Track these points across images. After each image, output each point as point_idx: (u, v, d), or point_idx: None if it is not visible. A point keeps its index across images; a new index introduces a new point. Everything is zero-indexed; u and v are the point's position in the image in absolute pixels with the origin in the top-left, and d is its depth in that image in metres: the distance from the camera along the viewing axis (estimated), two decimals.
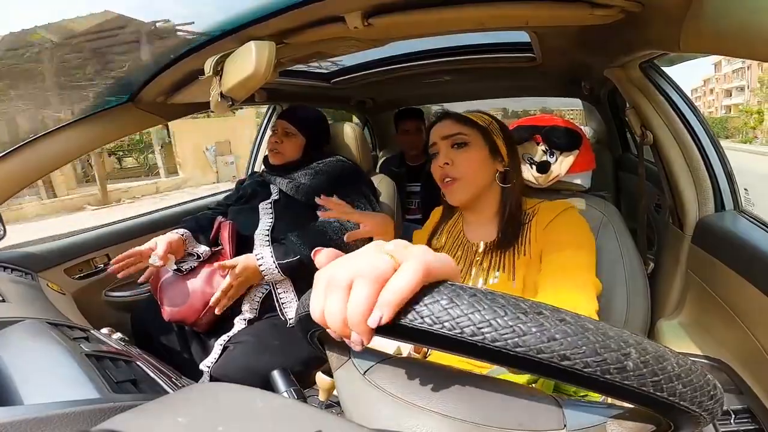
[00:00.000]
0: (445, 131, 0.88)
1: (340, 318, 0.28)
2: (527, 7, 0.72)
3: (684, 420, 0.26)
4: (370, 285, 0.27)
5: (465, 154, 0.86)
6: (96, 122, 1.07)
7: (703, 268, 0.96)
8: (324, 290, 0.30)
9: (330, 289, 0.29)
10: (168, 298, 1.16)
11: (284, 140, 1.34)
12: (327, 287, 0.30)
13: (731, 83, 35.85)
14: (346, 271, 0.29)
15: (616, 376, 0.23)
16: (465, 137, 0.86)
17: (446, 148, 0.87)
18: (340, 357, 0.42)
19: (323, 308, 0.30)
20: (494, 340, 0.24)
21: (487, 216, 0.91)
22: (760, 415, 0.71)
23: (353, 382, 0.40)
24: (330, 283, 0.29)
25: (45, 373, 0.57)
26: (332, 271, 0.30)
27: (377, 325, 0.27)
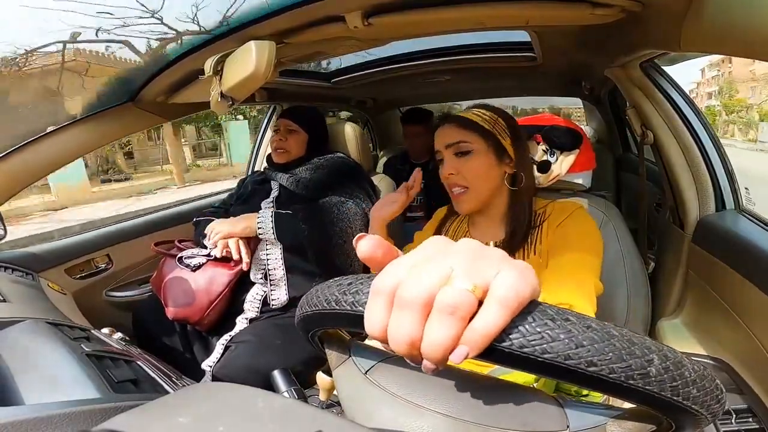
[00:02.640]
0: (447, 139, 0.85)
1: (409, 342, 0.25)
2: (527, 6, 0.72)
3: (688, 421, 0.27)
4: (454, 324, 0.24)
5: (470, 163, 0.83)
6: (96, 122, 1.07)
7: (703, 268, 0.96)
8: (385, 304, 0.26)
9: (400, 308, 0.25)
10: (172, 297, 1.16)
11: (288, 137, 1.35)
12: (394, 304, 0.25)
13: (711, 87, 37.25)
14: (419, 293, 0.24)
15: (639, 381, 0.23)
16: (468, 145, 0.83)
17: (450, 157, 0.85)
18: (339, 355, 0.42)
19: (384, 325, 0.26)
20: (522, 346, 0.24)
21: (495, 217, 0.89)
22: (761, 414, 0.71)
23: (354, 381, 0.39)
24: (400, 301, 0.25)
25: (45, 373, 0.57)
26: (399, 286, 0.25)
27: (462, 360, 0.25)
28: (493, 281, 0.25)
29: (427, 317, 0.25)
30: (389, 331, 0.26)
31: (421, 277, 0.25)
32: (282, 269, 1.22)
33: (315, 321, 0.36)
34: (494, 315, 0.24)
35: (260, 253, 1.23)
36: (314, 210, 1.22)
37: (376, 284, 0.27)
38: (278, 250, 1.23)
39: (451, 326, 0.24)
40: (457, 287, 0.24)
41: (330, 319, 0.33)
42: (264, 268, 1.22)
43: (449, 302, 0.24)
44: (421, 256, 0.27)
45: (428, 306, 0.24)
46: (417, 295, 0.24)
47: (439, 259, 0.26)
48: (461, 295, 0.24)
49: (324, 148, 1.45)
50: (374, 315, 0.26)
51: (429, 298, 0.24)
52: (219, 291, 1.17)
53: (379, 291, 0.26)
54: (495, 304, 0.24)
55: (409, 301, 0.25)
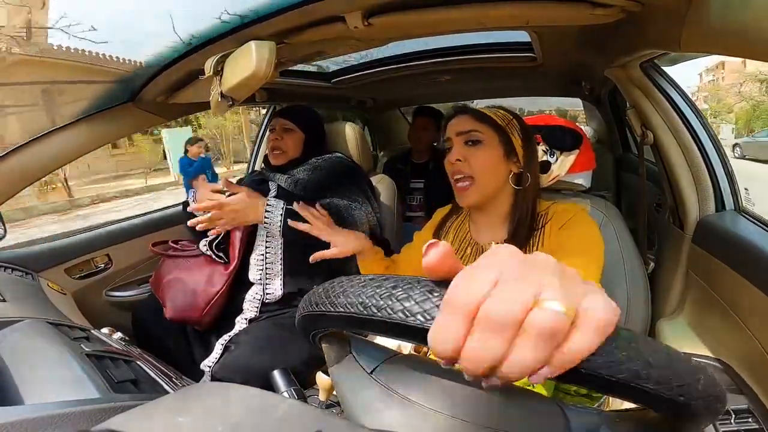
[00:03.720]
0: (460, 127, 0.85)
1: (490, 364, 0.23)
2: (527, 6, 0.72)
3: (691, 422, 0.27)
4: (547, 348, 0.23)
5: (478, 153, 0.84)
6: (96, 122, 1.07)
7: (703, 268, 0.96)
8: (465, 321, 0.23)
9: (487, 328, 0.23)
10: (170, 298, 1.17)
11: (284, 137, 1.33)
12: (478, 322, 0.23)
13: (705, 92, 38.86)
14: (513, 314, 0.23)
15: (685, 398, 0.25)
16: (480, 135, 0.84)
17: (460, 145, 0.85)
18: (338, 352, 0.41)
19: (460, 344, 0.24)
20: (599, 368, 0.24)
21: (497, 217, 0.89)
22: (761, 414, 0.71)
23: (358, 381, 0.39)
24: (487, 321, 0.23)
25: (45, 373, 0.57)
26: (485, 304, 0.23)
27: (542, 381, 0.24)
28: (584, 304, 0.24)
29: (513, 338, 0.23)
30: (468, 350, 0.24)
31: (512, 295, 0.23)
32: (280, 264, 1.22)
33: (339, 323, 0.35)
34: (588, 340, 0.23)
35: (258, 252, 1.23)
36: (326, 208, 1.21)
37: (455, 298, 0.24)
38: (278, 243, 1.22)
39: (544, 350, 0.23)
40: (553, 310, 0.23)
41: (363, 324, 0.30)
42: (263, 266, 1.22)
43: (548, 326, 0.22)
44: (498, 268, 0.24)
45: (518, 327, 0.23)
46: (510, 315, 0.23)
47: (525, 275, 0.24)
48: (559, 319, 0.22)
49: (321, 148, 1.43)
50: (449, 332, 0.24)
51: (521, 319, 0.23)
52: (216, 290, 1.17)
53: (457, 305, 0.24)
54: (592, 329, 0.23)
55: (500, 321, 0.23)
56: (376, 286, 0.29)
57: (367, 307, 0.29)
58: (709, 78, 37.37)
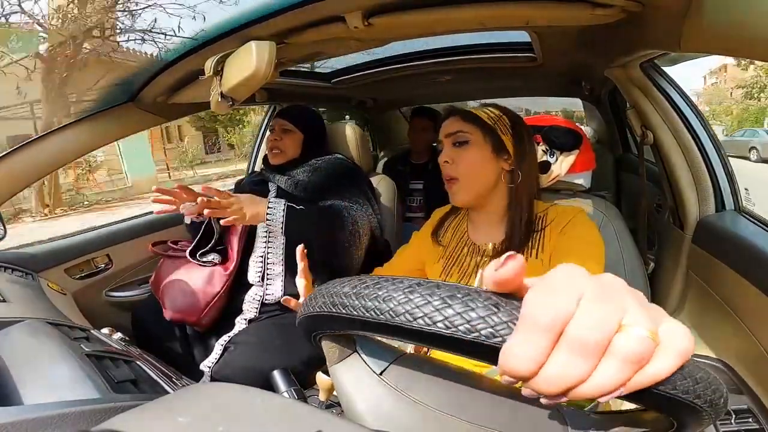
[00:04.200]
0: (448, 129, 0.87)
1: (571, 385, 0.23)
2: (528, 6, 0.72)
3: (693, 422, 0.27)
4: (628, 370, 0.23)
5: (464, 153, 0.85)
6: (96, 122, 1.07)
7: (703, 268, 0.96)
8: (549, 341, 0.23)
9: (574, 350, 0.22)
10: (169, 298, 1.17)
11: (283, 137, 1.32)
12: (564, 344, 0.23)
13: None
14: (602, 337, 0.22)
15: (699, 400, 0.25)
16: (466, 135, 0.84)
17: (448, 146, 0.87)
18: (342, 350, 0.39)
19: (540, 363, 0.23)
20: (673, 389, 0.25)
21: (494, 216, 0.89)
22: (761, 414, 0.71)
23: (364, 382, 0.38)
24: (574, 342, 0.22)
25: (45, 373, 0.57)
26: (572, 325, 0.23)
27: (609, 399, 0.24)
28: (664, 329, 0.24)
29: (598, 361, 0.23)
30: (550, 371, 0.23)
31: (601, 318, 0.22)
32: (281, 265, 1.22)
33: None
34: (669, 365, 0.23)
35: (257, 254, 1.23)
36: (325, 212, 1.20)
37: (540, 316, 0.23)
38: (280, 244, 1.22)
39: (628, 373, 0.23)
40: (639, 335, 0.23)
41: (407, 334, 0.27)
42: (261, 268, 1.22)
43: (637, 351, 0.22)
44: (579, 289, 0.24)
45: (605, 350, 0.23)
46: (601, 339, 0.22)
47: (610, 298, 0.23)
48: (646, 344, 0.23)
49: (321, 149, 1.43)
50: (530, 351, 0.23)
51: (608, 342, 0.23)
52: (216, 291, 1.17)
53: (541, 324, 0.22)
54: (675, 355, 0.23)
55: (591, 344, 0.22)
56: (428, 294, 0.26)
57: (417, 317, 0.26)
58: (712, 81, 37.85)
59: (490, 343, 0.24)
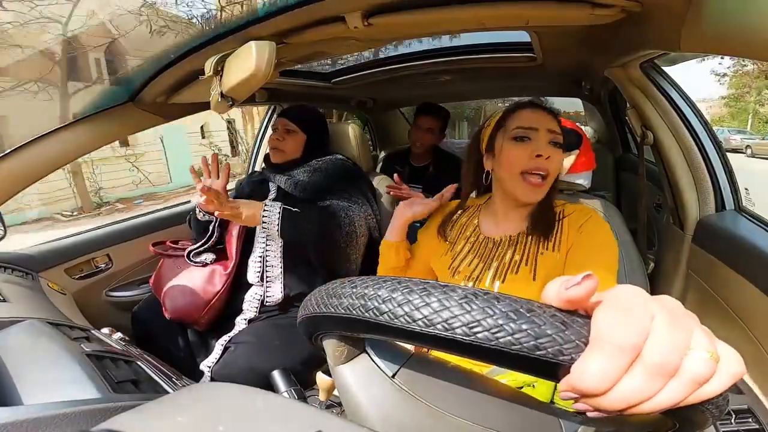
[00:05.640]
0: (550, 125, 0.84)
1: (638, 403, 0.23)
2: (528, 6, 0.71)
3: (697, 424, 0.27)
4: (692, 389, 0.23)
5: (558, 155, 0.84)
6: (96, 122, 1.07)
7: (703, 268, 0.96)
8: (627, 361, 0.23)
9: (654, 373, 0.23)
10: (169, 298, 1.17)
11: (286, 137, 1.32)
12: (643, 365, 0.23)
13: None
14: (678, 359, 0.23)
15: (710, 404, 0.25)
16: (561, 139, 0.85)
17: (546, 141, 0.83)
18: (351, 350, 0.38)
19: (614, 383, 0.23)
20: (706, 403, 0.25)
21: (523, 212, 0.88)
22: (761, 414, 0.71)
23: (375, 384, 0.37)
24: (654, 365, 0.23)
25: (45, 373, 0.57)
26: (651, 347, 0.23)
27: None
28: (724, 352, 0.25)
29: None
30: (623, 391, 0.23)
31: (676, 340, 0.23)
32: (280, 267, 1.22)
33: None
34: (723, 385, 0.24)
35: (256, 254, 1.23)
36: (322, 212, 1.21)
37: (618, 337, 0.23)
38: (278, 246, 1.22)
39: (690, 392, 0.23)
40: (705, 358, 0.23)
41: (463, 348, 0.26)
42: (261, 268, 1.22)
43: (703, 374, 0.23)
44: (649, 312, 0.24)
45: (676, 371, 0.24)
46: (676, 361, 0.23)
47: (679, 322, 0.24)
48: (710, 366, 0.23)
49: (323, 150, 1.42)
50: (607, 370, 0.23)
51: (679, 372, 0.23)
52: (216, 291, 1.17)
53: (620, 345, 0.23)
54: (729, 377, 0.24)
55: (668, 366, 0.23)
56: (488, 306, 0.25)
57: (476, 332, 0.25)
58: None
59: (557, 361, 0.24)
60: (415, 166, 2.10)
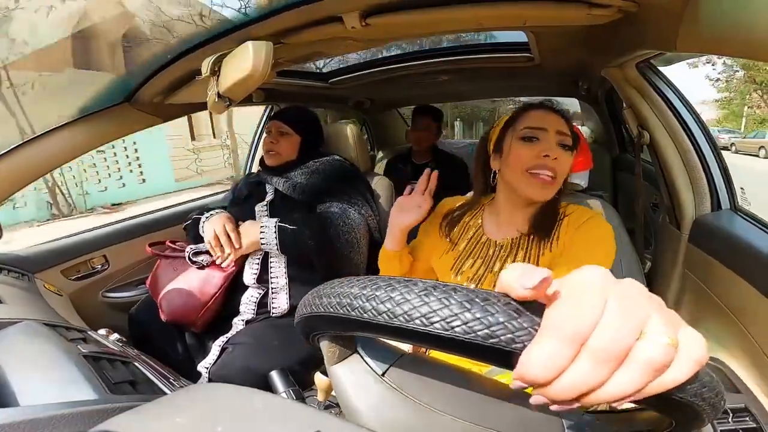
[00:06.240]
0: (559, 126, 0.83)
1: (587, 391, 0.23)
2: (525, 7, 0.72)
3: (693, 422, 0.28)
4: (648, 377, 0.23)
5: (567, 157, 0.83)
6: (92, 122, 1.06)
7: (699, 267, 0.97)
8: (573, 349, 0.23)
9: (598, 359, 0.23)
10: (166, 299, 1.16)
11: (280, 140, 1.32)
12: (588, 352, 0.23)
13: None
14: (625, 345, 0.23)
15: (697, 398, 0.25)
16: (570, 141, 0.84)
17: (555, 143, 0.82)
18: (342, 351, 0.39)
19: (561, 370, 0.23)
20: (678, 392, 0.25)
21: (525, 213, 0.88)
22: (758, 413, 0.71)
23: (366, 383, 0.38)
24: (598, 351, 0.23)
25: (42, 375, 0.56)
26: (597, 333, 0.23)
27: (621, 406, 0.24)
28: (682, 336, 0.24)
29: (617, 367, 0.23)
30: (570, 379, 0.23)
31: (625, 326, 0.23)
32: (285, 278, 1.21)
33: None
34: (685, 372, 0.23)
35: (253, 257, 1.22)
36: (319, 222, 1.21)
37: (565, 324, 0.23)
38: (282, 259, 1.22)
39: (646, 380, 0.23)
40: (661, 342, 0.23)
41: (421, 338, 0.27)
42: (257, 270, 1.21)
43: (658, 359, 0.23)
44: (602, 296, 0.24)
45: (625, 356, 0.23)
46: (624, 347, 0.23)
47: (633, 306, 0.24)
48: (668, 352, 0.23)
49: (318, 151, 1.42)
50: (553, 358, 0.23)
51: (629, 350, 0.23)
52: (212, 293, 1.17)
53: (567, 332, 0.23)
54: (691, 363, 0.24)
55: (614, 352, 0.22)
56: (445, 297, 0.26)
57: (434, 322, 0.26)
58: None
59: (510, 348, 0.24)
60: (417, 165, 2.20)
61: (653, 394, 0.23)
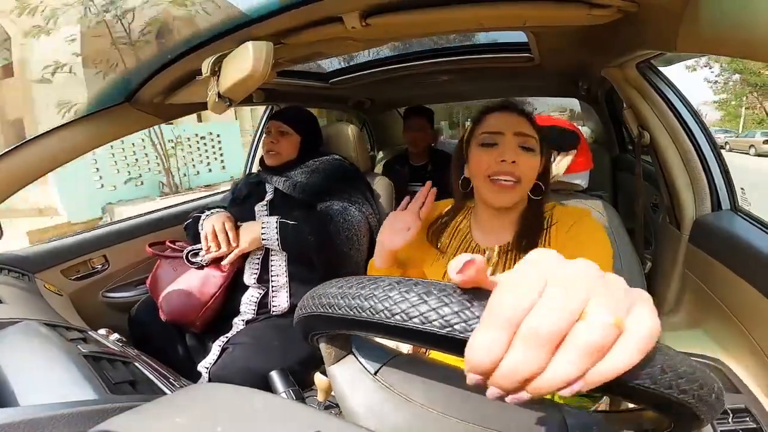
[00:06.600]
0: (518, 127, 0.80)
1: (527, 378, 0.22)
2: (525, 7, 0.72)
3: (692, 422, 0.27)
4: (587, 360, 0.22)
5: (528, 159, 0.79)
6: (92, 123, 1.06)
7: (700, 268, 0.97)
8: (508, 333, 0.22)
9: (530, 344, 0.22)
10: (165, 299, 1.16)
11: (280, 140, 1.32)
12: (521, 336, 0.22)
13: None
14: (559, 328, 0.22)
15: (687, 396, 0.25)
16: (532, 141, 0.80)
17: (514, 146, 0.79)
18: (338, 351, 0.40)
19: (500, 356, 0.23)
20: (634, 378, 0.24)
21: (507, 220, 0.85)
22: (758, 413, 0.71)
23: (360, 382, 0.38)
24: (531, 335, 0.22)
25: (42, 374, 0.56)
26: (530, 317, 0.22)
27: (571, 394, 0.23)
28: (631, 317, 0.23)
29: (555, 351, 0.22)
30: (507, 365, 0.23)
31: (559, 308, 0.22)
32: (285, 276, 1.21)
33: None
34: (630, 356, 0.22)
35: (253, 257, 1.22)
36: (319, 219, 1.21)
37: (499, 310, 0.23)
38: (283, 257, 1.22)
39: (585, 364, 0.22)
40: (600, 322, 0.22)
41: (388, 331, 0.28)
42: (257, 270, 1.21)
43: (595, 341, 0.21)
44: (542, 277, 0.23)
45: (561, 339, 0.22)
46: (557, 329, 0.22)
47: (571, 284, 0.23)
48: (606, 333, 0.22)
49: (317, 150, 1.42)
50: (490, 345, 0.22)
51: (566, 333, 0.22)
52: (212, 293, 1.17)
53: (502, 317, 0.22)
54: (634, 344, 0.22)
55: (546, 335, 0.22)
56: (405, 290, 0.27)
57: (395, 314, 0.27)
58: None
59: (463, 337, 0.24)
60: (414, 166, 2.18)
61: (601, 380, 0.22)
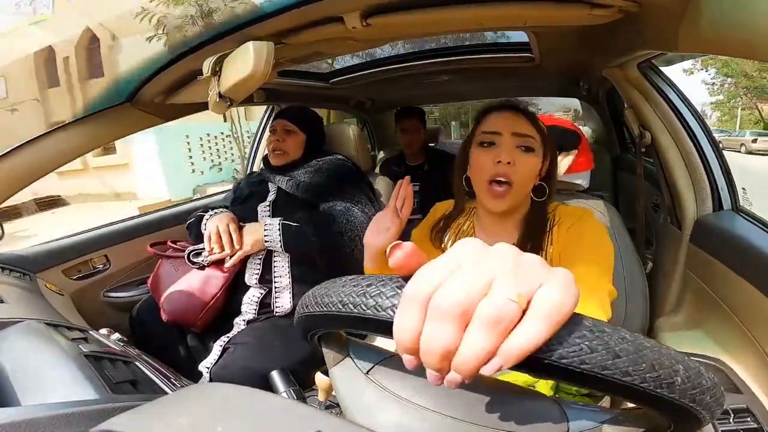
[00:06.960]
0: (517, 127, 0.78)
1: (443, 354, 0.24)
2: (526, 6, 0.72)
3: (690, 423, 0.27)
4: (495, 336, 0.23)
5: (527, 160, 0.77)
6: (93, 123, 1.06)
7: (701, 268, 0.97)
8: (420, 312, 0.24)
9: (436, 317, 0.24)
10: (167, 299, 1.16)
11: (286, 138, 1.33)
12: (429, 312, 0.24)
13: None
14: (459, 301, 0.23)
15: (665, 390, 0.25)
16: (532, 141, 0.77)
17: (511, 146, 0.77)
18: (337, 354, 0.41)
19: (417, 335, 0.24)
20: (560, 357, 0.24)
21: (509, 222, 0.84)
22: (759, 413, 0.71)
23: (354, 381, 0.39)
24: (436, 310, 0.24)
25: (43, 374, 0.57)
26: (435, 293, 0.24)
27: (493, 372, 0.24)
28: (537, 293, 0.24)
29: (465, 327, 0.23)
30: (422, 341, 0.24)
31: (461, 283, 0.23)
32: (288, 277, 1.22)
33: (324, 322, 0.36)
34: (536, 330, 0.23)
35: (255, 257, 1.23)
36: (322, 219, 1.21)
37: (410, 290, 0.25)
38: (286, 258, 1.22)
39: (492, 338, 0.23)
40: (501, 296, 0.23)
41: (342, 321, 0.31)
42: (259, 270, 1.22)
43: (494, 313, 0.23)
44: (458, 260, 0.25)
45: (468, 315, 0.23)
46: (457, 303, 0.23)
47: (479, 264, 0.24)
48: (506, 305, 0.23)
49: (321, 150, 1.43)
50: (406, 323, 0.24)
51: (470, 307, 0.23)
52: (213, 293, 1.17)
53: (412, 297, 0.24)
54: (539, 319, 0.23)
55: (448, 309, 0.23)
56: (359, 284, 0.30)
57: (345, 304, 0.30)
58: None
59: (391, 320, 0.26)
60: (410, 166, 2.19)
61: (516, 355, 0.23)
